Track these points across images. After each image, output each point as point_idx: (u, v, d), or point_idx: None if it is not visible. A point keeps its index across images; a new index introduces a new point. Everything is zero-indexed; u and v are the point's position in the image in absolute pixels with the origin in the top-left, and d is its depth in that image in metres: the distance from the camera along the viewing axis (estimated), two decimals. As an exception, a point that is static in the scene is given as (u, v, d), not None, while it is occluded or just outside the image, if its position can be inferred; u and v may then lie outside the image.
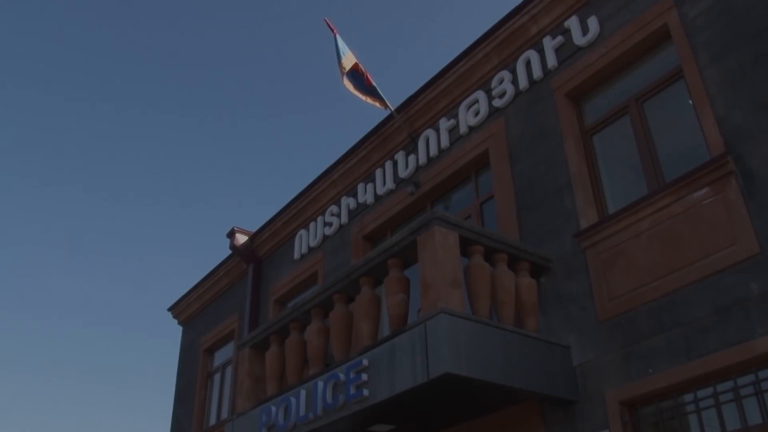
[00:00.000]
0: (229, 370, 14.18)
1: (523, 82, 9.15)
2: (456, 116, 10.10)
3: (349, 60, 10.92)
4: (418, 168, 10.50)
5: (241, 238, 14.01)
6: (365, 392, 7.03)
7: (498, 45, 9.58)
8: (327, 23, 11.24)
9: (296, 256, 12.69)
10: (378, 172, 11.23)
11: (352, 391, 7.18)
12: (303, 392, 7.94)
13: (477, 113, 9.72)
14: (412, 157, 10.64)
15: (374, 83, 10.85)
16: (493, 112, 9.53)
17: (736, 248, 6.32)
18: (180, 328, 16.90)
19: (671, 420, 6.52)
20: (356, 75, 10.92)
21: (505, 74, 9.46)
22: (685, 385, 6.39)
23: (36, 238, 46.90)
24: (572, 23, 8.69)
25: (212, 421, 14.32)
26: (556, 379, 7.07)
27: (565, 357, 7.27)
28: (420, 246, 7.03)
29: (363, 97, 10.94)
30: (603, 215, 7.72)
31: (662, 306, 6.70)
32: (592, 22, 8.45)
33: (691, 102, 7.30)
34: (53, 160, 46.19)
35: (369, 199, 11.24)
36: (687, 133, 7.40)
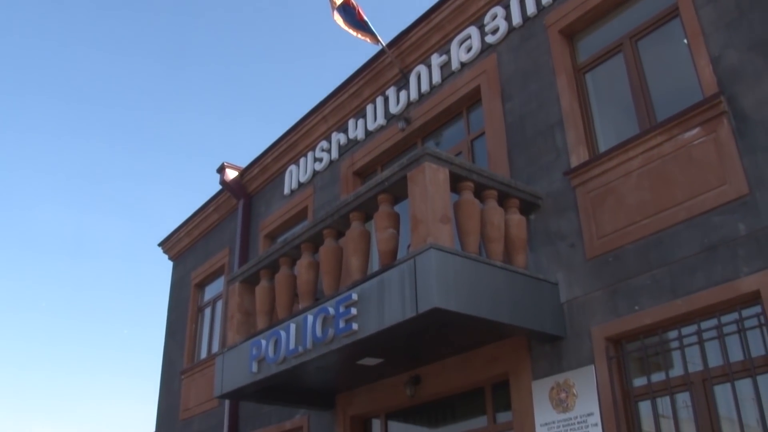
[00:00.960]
0: (219, 304, 14.28)
1: (516, 19, 9.02)
2: (448, 52, 9.99)
3: (340, -7, 10.72)
4: (409, 104, 10.43)
5: (231, 174, 13.95)
6: (354, 326, 7.11)
7: (492, -20, 9.43)
8: (318, -45, 11.00)
9: (286, 191, 12.67)
10: (369, 108, 11.15)
11: (342, 325, 7.25)
12: (293, 326, 8.02)
13: (469, 49, 9.61)
14: (403, 93, 10.55)
15: (366, 18, 10.67)
16: (486, 48, 9.42)
17: (725, 188, 6.34)
18: (171, 264, 16.97)
19: (655, 356, 6.63)
20: (348, 9, 10.73)
21: (499, 10, 9.32)
22: (670, 323, 6.48)
23: (26, 173, 46.70)
24: (567, -42, 8.54)
25: (203, 354, 14.47)
26: (544, 315, 7.16)
27: (552, 293, 7.34)
28: (410, 182, 7.02)
29: (354, 33, 10.78)
30: (594, 153, 7.71)
31: (650, 244, 6.75)
32: (588, -43, 8.30)
33: (686, 41, 7.23)
34: (45, 97, 45.69)
35: (360, 134, 11.18)
36: (680, 73, 7.34)
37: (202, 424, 13.54)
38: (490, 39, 9.33)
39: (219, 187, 14.32)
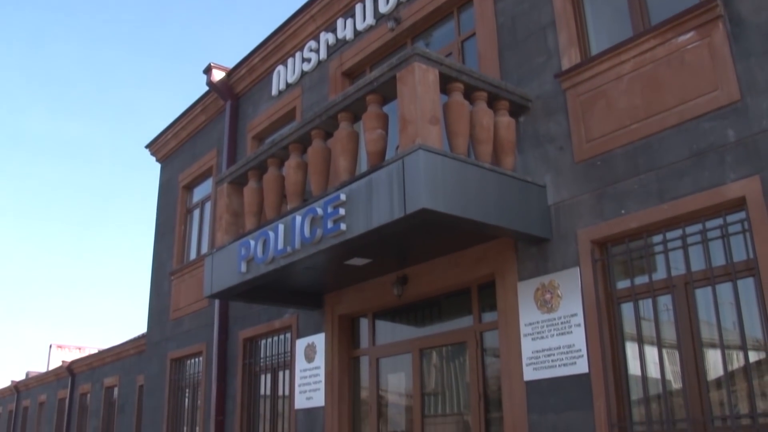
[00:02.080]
0: (207, 205, 14.31)
1: None
2: (440, -51, 9.69)
3: None
4: (399, 3, 10.18)
5: (218, 75, 13.71)
6: (342, 226, 7.15)
7: None
8: None
9: (274, 92, 12.51)
10: (358, 7, 10.89)
11: (330, 225, 7.29)
12: (281, 226, 8.06)
13: (462, -54, 9.33)
14: (393, -8, 10.29)
15: None
16: (480, -55, 9.14)
17: (716, 94, 6.29)
18: (158, 165, 16.90)
19: (640, 259, 6.73)
20: None
21: None
22: (656, 227, 6.55)
23: (11, 78, 45.88)
24: None
25: (192, 255, 14.59)
26: (531, 218, 7.21)
27: (540, 196, 7.37)
28: (399, 82, 6.93)
29: None
30: (585, 56, 7.60)
31: (639, 149, 6.74)
32: None
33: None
34: (30, 1, 44.41)
35: (348, 34, 10.96)
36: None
37: (192, 324, 13.78)
38: (483, -64, 9.05)
39: (206, 89, 14.12)
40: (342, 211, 7.18)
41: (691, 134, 6.39)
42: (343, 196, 7.21)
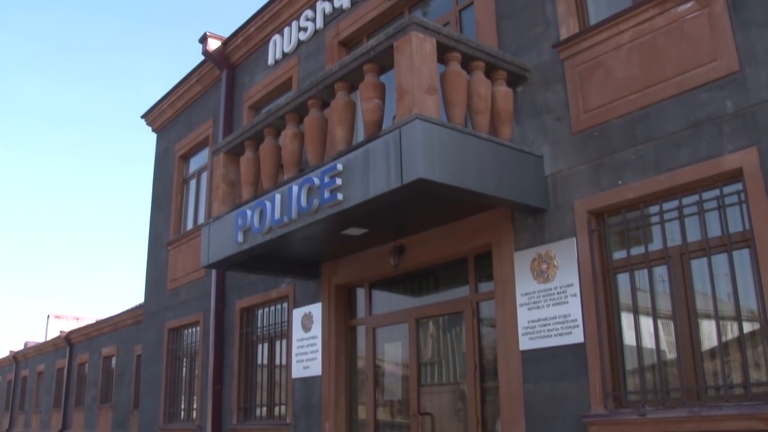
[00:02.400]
0: (204, 176, 14.28)
1: None
2: None
3: None
4: (397, -28, 10.09)
5: (214, 44, 13.61)
6: (339, 196, 7.14)
7: None
8: None
9: (270, 61, 12.42)
10: (356, -24, 10.79)
11: (327, 195, 7.28)
12: (278, 196, 8.05)
13: None
14: (391, -39, 10.19)
15: None
16: None
17: (715, 65, 6.25)
18: (155, 135, 16.83)
19: (636, 230, 6.74)
20: None
21: None
22: (652, 198, 6.55)
23: (7, 41, 45.50)
24: None
25: (189, 225, 14.59)
26: (528, 188, 7.20)
27: (537, 166, 7.36)
28: (396, 51, 6.88)
29: None
30: (584, 26, 7.54)
31: (636, 119, 6.72)
32: None
33: None
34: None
35: (345, 3, 10.87)
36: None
37: (189, 294, 13.81)
38: None
39: (202, 58, 14.02)
40: (339, 181, 7.17)
41: (689, 105, 6.36)
42: (339, 166, 7.20)
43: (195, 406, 13.22)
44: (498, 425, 7.69)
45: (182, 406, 13.93)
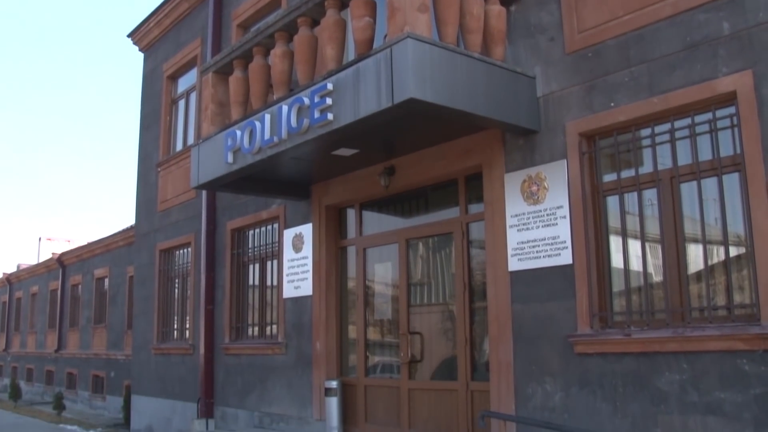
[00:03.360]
0: (193, 96, 14.11)
1: None
2: None
3: None
4: None
5: (202, -41, 13.29)
6: (329, 116, 7.07)
7: None
8: None
9: (260, -22, 12.15)
10: None
11: (317, 115, 7.21)
12: (267, 116, 7.97)
13: None
14: None
15: None
16: None
17: (713, -16, 6.13)
18: (142, 55, 16.56)
19: (627, 153, 6.71)
20: None
21: None
22: (644, 120, 6.51)
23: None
24: None
25: (179, 146, 14.50)
26: (519, 109, 7.14)
27: (529, 87, 7.28)
28: (388, -33, 6.72)
29: None
30: (582, -58, 7.36)
31: (631, 41, 6.62)
32: None
33: None
34: None
35: None
36: None
37: (180, 215, 13.83)
38: None
39: (189, -27, 13.70)
40: (329, 101, 7.09)
41: (684, 26, 6.25)
42: (330, 86, 7.11)
43: (188, 326, 13.41)
44: (486, 344, 7.82)
45: (175, 326, 14.12)
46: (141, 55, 16.63)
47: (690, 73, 6.16)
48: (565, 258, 6.88)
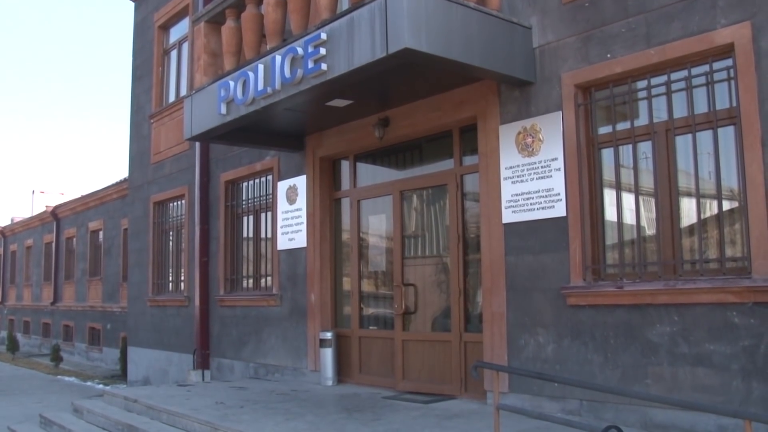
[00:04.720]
0: (185, 46, 13.94)
1: None
2: None
3: None
4: None
5: None
6: (323, 66, 7.00)
7: None
8: None
9: (253, -74, 11.90)
10: None
11: (311, 65, 7.13)
12: (261, 67, 7.89)
13: None
14: None
15: None
16: None
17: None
18: (132, 4, 16.31)
19: (623, 105, 6.67)
20: None
21: None
22: (641, 72, 6.46)
23: None
24: None
25: (171, 97, 14.37)
26: (515, 60, 7.07)
27: (525, 38, 7.20)
28: None
29: None
30: None
31: (629, -10, 6.54)
32: None
33: None
34: None
35: None
36: None
37: (173, 167, 13.77)
38: None
39: None
40: (323, 51, 7.01)
41: (684, -25, 6.17)
42: (323, 35, 7.02)
43: (183, 278, 13.44)
44: (479, 296, 7.87)
45: (170, 278, 14.15)
46: (131, 5, 16.39)
47: (688, 24, 6.09)
48: (559, 210, 6.88)
